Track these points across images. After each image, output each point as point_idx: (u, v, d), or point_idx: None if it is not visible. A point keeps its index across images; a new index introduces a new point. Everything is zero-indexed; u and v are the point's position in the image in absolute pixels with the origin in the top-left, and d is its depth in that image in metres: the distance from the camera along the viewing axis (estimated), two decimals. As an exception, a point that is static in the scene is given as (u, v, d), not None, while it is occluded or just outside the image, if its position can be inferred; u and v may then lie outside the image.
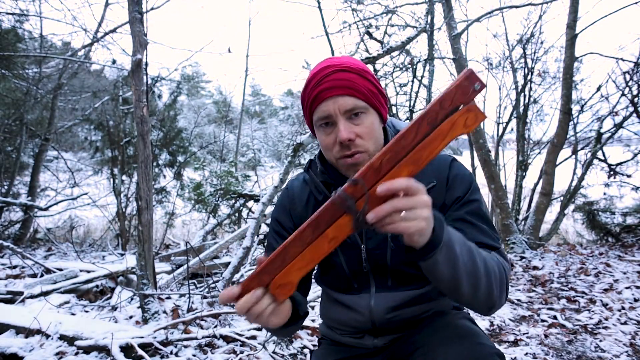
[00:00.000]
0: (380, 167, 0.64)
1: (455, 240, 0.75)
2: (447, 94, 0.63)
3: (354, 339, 1.08)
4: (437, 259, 0.72)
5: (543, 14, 6.76)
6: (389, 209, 0.62)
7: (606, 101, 6.12)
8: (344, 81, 0.90)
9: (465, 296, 0.80)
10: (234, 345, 2.37)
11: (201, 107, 13.37)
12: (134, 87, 2.80)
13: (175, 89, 7.40)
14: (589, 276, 4.00)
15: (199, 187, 6.94)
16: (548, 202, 5.98)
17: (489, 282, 0.81)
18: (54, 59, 6.94)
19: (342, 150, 0.93)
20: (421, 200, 0.64)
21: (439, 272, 0.74)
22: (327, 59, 0.99)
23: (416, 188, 0.63)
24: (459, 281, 0.77)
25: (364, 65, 0.97)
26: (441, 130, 0.63)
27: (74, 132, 8.93)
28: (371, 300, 1.02)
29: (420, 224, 0.64)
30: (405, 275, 1.01)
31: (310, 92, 0.94)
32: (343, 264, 1.04)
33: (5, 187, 6.54)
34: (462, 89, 0.62)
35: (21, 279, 3.89)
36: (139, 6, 2.85)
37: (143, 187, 2.77)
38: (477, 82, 0.62)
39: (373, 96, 0.94)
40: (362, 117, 0.92)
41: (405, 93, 5.98)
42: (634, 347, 2.42)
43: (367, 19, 5.57)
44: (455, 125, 0.63)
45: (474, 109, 0.63)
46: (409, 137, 0.63)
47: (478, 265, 0.79)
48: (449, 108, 0.63)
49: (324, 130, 0.95)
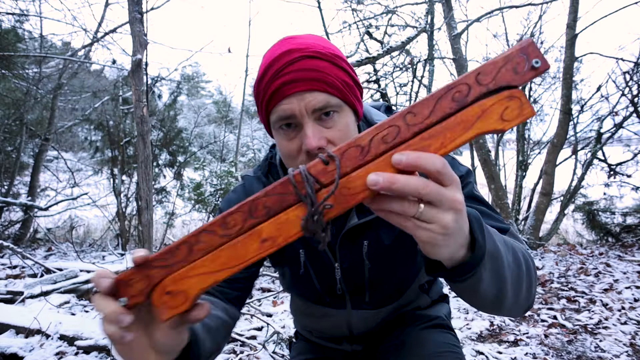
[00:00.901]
0: (368, 148, 0.45)
1: (497, 240, 0.55)
2: (490, 64, 0.44)
3: (332, 343, 1.04)
4: (481, 277, 0.52)
5: (543, 14, 6.76)
6: (404, 187, 0.42)
7: (606, 101, 6.12)
8: (313, 72, 0.69)
9: (505, 309, 0.62)
10: (234, 345, 2.37)
11: (201, 107, 13.36)
12: (134, 87, 2.80)
13: (175, 89, 7.41)
14: (589, 276, 4.00)
15: (199, 187, 6.94)
16: (548, 202, 5.97)
17: (530, 281, 0.63)
18: (54, 59, 6.95)
19: (309, 160, 0.69)
20: (449, 197, 0.43)
21: (482, 291, 0.54)
22: (286, 38, 0.76)
23: (450, 177, 0.44)
24: (506, 294, 0.58)
25: (335, 48, 0.76)
26: (466, 115, 0.44)
27: (74, 132, 8.94)
28: (349, 317, 0.95)
29: (434, 235, 0.44)
30: (385, 292, 0.92)
31: (267, 85, 0.71)
32: (314, 279, 0.90)
33: (5, 187, 6.54)
34: (513, 63, 0.43)
35: (21, 279, 3.89)
36: (139, 6, 2.85)
37: (143, 187, 2.78)
38: (536, 57, 0.43)
39: (348, 90, 0.73)
40: (335, 118, 0.72)
41: (405, 93, 5.98)
42: (634, 347, 2.42)
43: (367, 19, 5.57)
44: (487, 114, 0.44)
45: (519, 96, 0.43)
46: (420, 114, 0.45)
47: (521, 265, 0.61)
48: (487, 85, 0.44)
49: (285, 134, 0.73)
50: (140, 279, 0.48)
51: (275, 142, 0.79)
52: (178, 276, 0.47)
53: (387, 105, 0.95)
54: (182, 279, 0.47)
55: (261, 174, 0.90)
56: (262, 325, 2.64)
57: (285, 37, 0.77)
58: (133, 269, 0.49)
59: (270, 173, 0.90)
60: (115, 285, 0.48)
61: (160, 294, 0.47)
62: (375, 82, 5.78)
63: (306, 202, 0.44)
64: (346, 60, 0.75)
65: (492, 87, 0.44)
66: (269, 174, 0.90)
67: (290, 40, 0.74)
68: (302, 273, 0.89)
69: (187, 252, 0.47)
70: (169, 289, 0.47)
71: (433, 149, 0.44)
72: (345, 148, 0.45)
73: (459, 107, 0.44)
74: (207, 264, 0.46)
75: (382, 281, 0.89)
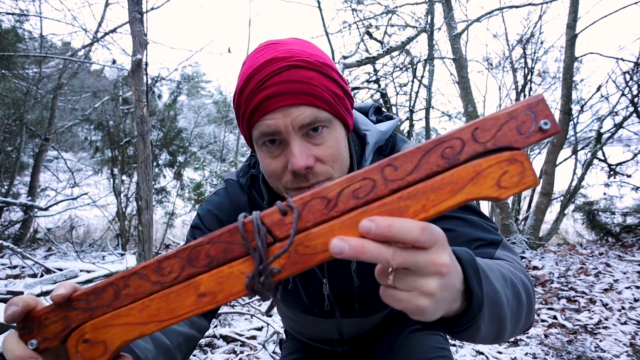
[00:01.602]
0: (335, 202, 0.39)
1: (493, 279, 0.50)
2: (490, 119, 0.38)
3: (322, 344, 1.03)
4: (479, 326, 0.47)
5: (543, 14, 6.78)
6: (374, 258, 0.36)
7: (606, 101, 6.12)
8: (299, 84, 0.63)
9: (504, 339, 0.58)
10: (234, 345, 2.37)
11: (201, 107, 13.36)
12: (134, 87, 2.81)
13: (175, 89, 7.41)
14: (589, 276, 4.00)
15: (199, 187, 6.95)
16: (548, 202, 5.98)
17: (530, 307, 0.60)
18: (54, 59, 6.95)
19: (296, 181, 0.66)
20: (430, 262, 0.37)
21: (480, 336, 0.51)
22: (269, 44, 0.68)
23: (431, 240, 0.37)
24: (505, 330, 0.54)
25: (324, 54, 0.70)
26: (456, 176, 0.37)
27: (74, 132, 8.94)
28: (339, 324, 0.93)
29: (419, 302, 0.38)
30: (375, 303, 0.88)
31: (249, 98, 0.64)
32: (300, 291, 0.86)
33: (5, 187, 6.54)
34: (518, 121, 0.37)
35: (21, 279, 3.89)
36: (139, 6, 2.85)
37: (143, 187, 2.78)
38: (545, 118, 0.37)
39: (338, 102, 0.67)
40: (324, 134, 0.66)
41: (405, 93, 5.99)
42: (634, 347, 2.41)
43: (367, 19, 5.58)
44: (481, 178, 0.37)
45: (522, 160, 0.37)
46: (402, 169, 0.38)
47: (521, 296, 0.56)
48: (485, 144, 0.38)
49: (270, 152, 0.67)
50: (57, 319, 0.42)
51: (258, 159, 0.72)
52: (100, 323, 0.41)
53: (377, 106, 0.88)
54: (104, 326, 0.41)
55: (244, 184, 0.83)
56: (262, 325, 2.64)
57: (268, 42, 0.69)
58: (51, 306, 0.43)
59: (253, 186, 0.82)
60: (28, 321, 0.42)
61: (76, 340, 0.41)
62: (375, 82, 5.78)
63: (254, 257, 0.38)
64: (335, 69, 0.68)
65: (490, 146, 0.38)
66: (252, 187, 0.82)
67: (273, 46, 0.66)
68: (290, 288, 0.86)
69: (114, 297, 0.41)
70: (88, 336, 0.41)
71: (412, 212, 0.37)
72: (308, 198, 0.39)
73: (449, 166, 0.38)
74: (133, 313, 0.40)
75: (372, 294, 0.85)
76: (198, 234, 0.82)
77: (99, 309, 0.41)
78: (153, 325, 0.40)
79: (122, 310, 0.41)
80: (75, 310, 0.42)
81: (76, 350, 0.41)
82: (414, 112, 5.83)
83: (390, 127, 0.81)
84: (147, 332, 0.41)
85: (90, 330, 0.41)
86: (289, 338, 1.13)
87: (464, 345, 2.46)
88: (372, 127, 0.80)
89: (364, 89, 5.62)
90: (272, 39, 0.70)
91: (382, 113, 0.87)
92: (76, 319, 0.42)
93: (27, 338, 0.43)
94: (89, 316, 0.41)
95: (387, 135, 0.81)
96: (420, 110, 6.00)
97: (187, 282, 0.40)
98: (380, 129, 0.80)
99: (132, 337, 0.41)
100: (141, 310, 0.40)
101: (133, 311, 0.40)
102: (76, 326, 0.42)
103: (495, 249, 0.67)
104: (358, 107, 0.87)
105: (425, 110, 5.29)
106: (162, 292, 0.40)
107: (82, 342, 0.41)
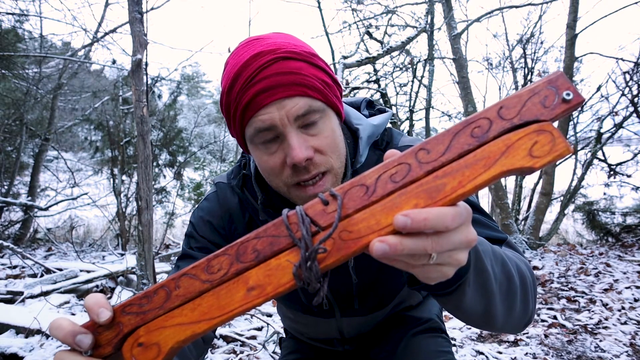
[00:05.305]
0: (374, 188, 0.40)
1: (484, 252, 0.52)
2: (513, 98, 0.40)
3: (322, 344, 1.03)
4: (464, 291, 0.50)
5: (543, 14, 6.78)
6: (412, 251, 0.38)
7: (606, 101, 6.13)
8: (290, 75, 0.62)
9: (498, 324, 0.59)
10: (234, 345, 2.37)
11: (201, 107, 13.36)
12: (134, 87, 2.80)
13: (175, 89, 7.41)
14: (589, 276, 4.00)
15: (199, 187, 6.95)
16: (548, 202, 5.98)
17: (525, 295, 0.59)
18: (54, 59, 6.95)
19: (296, 174, 0.65)
20: (463, 241, 0.39)
21: (467, 306, 0.52)
22: (250, 40, 0.67)
23: (461, 220, 0.38)
24: (494, 309, 0.55)
25: (308, 45, 0.69)
26: (488, 151, 0.38)
27: (74, 132, 8.94)
28: (339, 324, 0.92)
29: (447, 271, 0.42)
30: (374, 300, 0.88)
31: (238, 96, 0.63)
32: (299, 292, 0.86)
33: (5, 187, 6.54)
34: (541, 96, 0.39)
35: (21, 279, 3.89)
36: (139, 6, 2.85)
37: (143, 187, 2.78)
38: (567, 90, 0.39)
39: (329, 90, 0.67)
40: (320, 123, 0.65)
41: (405, 93, 5.99)
42: (634, 347, 2.41)
43: (367, 19, 5.58)
44: (513, 150, 0.38)
45: (550, 130, 0.38)
46: (434, 151, 0.40)
47: (514, 278, 0.57)
48: (511, 120, 0.39)
49: (266, 148, 0.66)
50: (110, 326, 0.42)
51: (254, 158, 0.70)
52: (153, 325, 0.41)
53: (368, 100, 0.86)
54: (157, 328, 0.41)
55: (236, 185, 0.82)
56: (262, 325, 2.64)
57: (249, 38, 0.68)
58: (118, 311, 0.43)
59: (245, 186, 0.81)
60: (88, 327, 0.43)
61: (131, 345, 0.41)
62: (375, 82, 5.78)
63: (300, 246, 0.39)
64: (322, 58, 0.68)
65: (517, 121, 0.39)
66: (244, 187, 0.81)
67: (256, 42, 0.65)
68: None
69: (165, 298, 0.41)
70: (142, 340, 0.41)
71: (449, 189, 0.38)
72: (348, 187, 0.40)
73: (479, 144, 0.39)
74: (185, 313, 0.41)
75: (371, 291, 0.86)
76: (193, 243, 0.82)
77: (151, 312, 0.42)
78: (204, 323, 0.41)
79: (174, 311, 0.41)
80: (127, 315, 0.42)
81: (131, 354, 0.42)
82: (414, 112, 5.83)
83: (383, 120, 0.80)
84: (199, 331, 0.41)
85: (145, 333, 0.42)
86: (288, 337, 1.13)
87: (464, 345, 2.46)
88: (365, 121, 0.79)
89: (364, 89, 5.62)
90: (253, 35, 0.69)
91: (374, 107, 0.86)
92: (128, 323, 0.42)
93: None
94: (141, 320, 0.42)
95: (381, 129, 0.79)
96: (420, 110, 6.01)
97: (237, 278, 0.41)
98: (373, 123, 0.78)
99: (184, 337, 0.41)
100: (192, 310, 0.41)
101: (185, 311, 0.41)
102: (129, 331, 0.42)
103: (500, 246, 0.66)
104: (350, 102, 0.85)
105: (425, 110, 5.29)
106: (212, 290, 0.41)
107: (136, 346, 0.42)
